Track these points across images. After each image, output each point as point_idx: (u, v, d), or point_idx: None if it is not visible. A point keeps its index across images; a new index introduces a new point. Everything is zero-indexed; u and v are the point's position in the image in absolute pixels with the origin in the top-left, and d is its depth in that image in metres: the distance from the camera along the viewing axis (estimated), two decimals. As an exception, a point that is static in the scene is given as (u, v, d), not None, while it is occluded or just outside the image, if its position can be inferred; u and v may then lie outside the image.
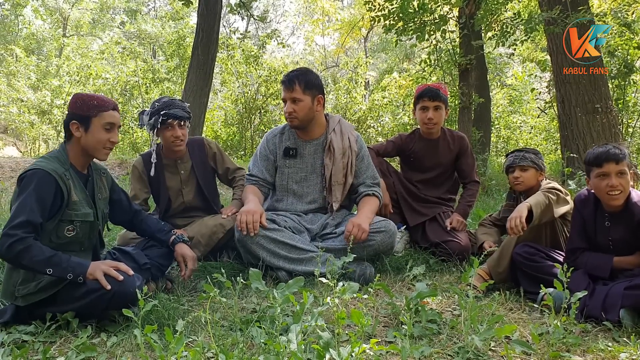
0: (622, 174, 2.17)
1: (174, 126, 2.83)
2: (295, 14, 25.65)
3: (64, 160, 2.08)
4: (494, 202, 5.34)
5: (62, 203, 2.00)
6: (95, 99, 2.10)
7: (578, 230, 2.38)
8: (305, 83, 2.70)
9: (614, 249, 2.29)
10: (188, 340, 1.86)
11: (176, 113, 2.81)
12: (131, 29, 19.23)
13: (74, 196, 2.04)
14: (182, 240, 2.43)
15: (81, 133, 2.08)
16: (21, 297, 1.97)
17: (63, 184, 2.00)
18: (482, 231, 3.10)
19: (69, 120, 2.09)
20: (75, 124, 2.08)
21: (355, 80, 13.68)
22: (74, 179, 2.08)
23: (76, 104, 2.08)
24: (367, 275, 2.58)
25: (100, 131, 2.09)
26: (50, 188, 1.96)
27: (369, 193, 2.84)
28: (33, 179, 1.94)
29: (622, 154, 2.18)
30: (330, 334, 1.66)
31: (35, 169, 1.97)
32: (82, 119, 2.07)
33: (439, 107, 3.16)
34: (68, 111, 2.11)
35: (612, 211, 2.28)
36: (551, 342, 1.75)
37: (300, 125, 2.78)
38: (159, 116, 2.79)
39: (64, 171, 2.03)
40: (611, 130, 5.36)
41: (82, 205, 2.07)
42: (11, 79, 14.61)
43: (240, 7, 9.58)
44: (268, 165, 2.89)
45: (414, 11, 6.58)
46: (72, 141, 2.12)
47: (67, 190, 2.01)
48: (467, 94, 6.81)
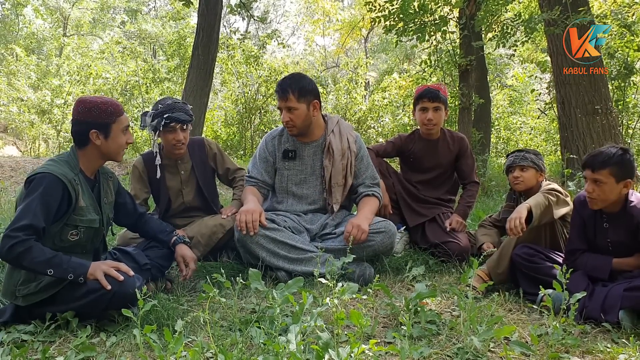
0: (596, 182, 2.17)
1: (176, 130, 2.82)
2: (295, 14, 25.67)
3: (74, 165, 2.07)
4: (493, 203, 5.34)
5: (69, 208, 2.00)
6: (109, 104, 2.08)
7: (578, 231, 2.38)
8: (299, 91, 2.68)
9: (613, 251, 2.29)
10: (187, 340, 1.86)
11: (179, 117, 2.80)
12: (131, 29, 19.22)
13: (82, 202, 2.04)
14: (183, 242, 2.43)
15: (101, 141, 2.08)
16: (22, 297, 1.97)
17: (72, 189, 1.99)
18: (482, 232, 3.11)
19: (88, 129, 2.05)
20: (95, 132, 2.06)
21: (355, 80, 13.67)
22: (83, 184, 2.07)
23: (92, 112, 2.05)
24: (366, 275, 2.58)
25: (119, 136, 2.11)
26: (57, 193, 1.95)
27: (369, 193, 2.83)
28: (42, 183, 1.93)
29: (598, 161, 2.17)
30: (330, 335, 1.66)
31: (44, 172, 1.96)
32: (101, 126, 2.06)
33: (439, 108, 3.16)
34: (80, 119, 2.06)
35: (611, 213, 2.28)
36: (550, 343, 1.76)
37: (299, 132, 2.78)
38: (162, 119, 2.78)
39: (73, 176, 2.02)
40: (611, 131, 5.36)
41: (88, 211, 2.07)
42: (11, 78, 14.59)
43: (240, 8, 9.58)
44: (267, 167, 2.89)
45: (414, 12, 6.59)
46: (88, 148, 2.09)
47: (75, 196, 2.00)
48: (467, 95, 6.81)
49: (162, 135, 2.84)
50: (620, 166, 2.14)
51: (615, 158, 2.14)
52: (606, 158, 2.15)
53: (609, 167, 2.14)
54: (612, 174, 2.14)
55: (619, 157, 2.14)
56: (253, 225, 2.53)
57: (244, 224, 2.53)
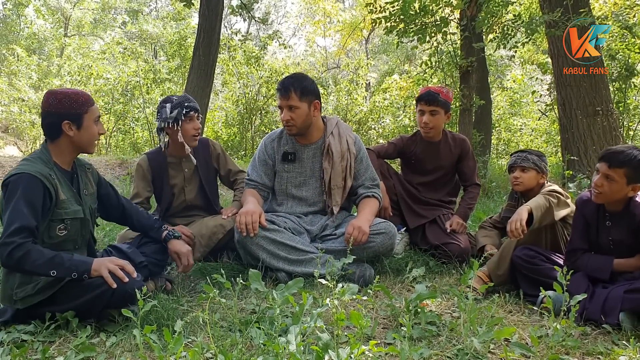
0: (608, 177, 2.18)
1: (194, 118, 2.90)
2: (296, 15, 25.68)
3: (47, 159, 2.05)
4: (494, 205, 5.34)
5: (51, 203, 1.98)
6: (80, 95, 2.06)
7: (579, 231, 2.39)
8: (301, 90, 2.67)
9: (614, 250, 2.29)
10: (187, 341, 1.86)
11: (195, 105, 2.92)
12: (132, 29, 19.25)
13: (62, 195, 2.02)
14: (174, 236, 2.42)
15: (74, 131, 2.05)
16: (20, 300, 1.97)
17: (50, 184, 1.97)
18: (483, 234, 3.10)
19: (60, 120, 2.03)
20: (68, 123, 2.04)
21: (356, 81, 13.69)
22: (60, 177, 2.05)
23: (63, 103, 2.02)
24: (366, 276, 2.57)
25: (91, 126, 2.09)
26: (38, 191, 1.93)
27: (369, 195, 2.83)
28: (19, 184, 1.91)
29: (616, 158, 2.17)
30: (330, 336, 1.66)
31: (19, 173, 1.94)
32: (74, 117, 2.04)
33: (436, 112, 3.14)
34: (51, 110, 2.03)
35: (613, 211, 2.29)
36: (550, 344, 1.75)
37: (299, 132, 2.77)
38: (182, 108, 2.84)
39: (48, 171, 2.00)
40: (612, 133, 5.36)
41: (70, 203, 2.05)
42: (12, 78, 14.62)
43: (241, 9, 9.59)
44: (267, 170, 2.89)
45: (415, 13, 6.59)
46: (60, 140, 2.07)
47: (54, 190, 1.98)
48: (468, 96, 6.82)
49: (183, 126, 2.86)
50: (637, 170, 2.14)
51: (635, 161, 2.14)
52: (627, 159, 2.14)
53: (626, 168, 2.14)
54: (626, 174, 2.15)
55: (638, 162, 2.14)
56: (253, 226, 2.52)
57: (244, 225, 2.53)
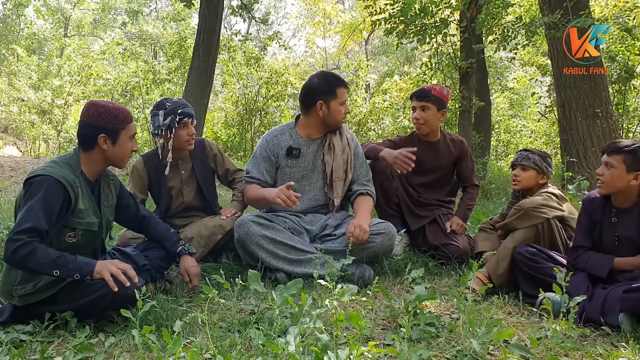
0: (607, 165, 2.27)
1: (189, 124, 2.87)
2: (296, 16, 25.66)
3: (75, 166, 2.06)
4: (493, 206, 5.34)
5: (68, 210, 1.99)
6: (121, 110, 2.09)
7: (583, 229, 2.41)
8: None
9: (619, 246, 2.30)
10: (186, 341, 1.86)
11: (189, 111, 2.88)
12: (132, 30, 19.23)
13: (81, 204, 2.03)
14: (188, 252, 2.41)
15: (108, 146, 2.07)
16: (19, 297, 1.97)
17: (72, 191, 1.98)
18: (482, 237, 3.09)
19: (97, 132, 2.04)
20: (104, 137, 2.05)
21: (356, 82, 13.67)
22: (83, 187, 2.06)
23: (103, 117, 2.04)
24: (366, 277, 2.57)
25: (127, 142, 2.11)
26: (58, 197, 1.93)
27: (363, 192, 2.86)
28: (42, 186, 1.92)
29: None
30: (329, 337, 1.66)
31: (44, 174, 1.94)
32: (111, 132, 2.06)
33: (427, 108, 3.15)
34: (90, 122, 2.05)
35: (621, 207, 2.31)
36: (549, 346, 1.75)
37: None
38: (175, 115, 2.81)
39: (74, 178, 2.01)
40: (611, 134, 5.37)
41: (87, 214, 2.06)
42: (12, 78, 14.61)
43: (241, 9, 9.59)
44: (269, 167, 2.89)
45: (415, 14, 6.59)
46: (93, 152, 2.08)
47: (74, 198, 1.99)
48: (468, 98, 6.81)
49: (177, 133, 2.85)
50: (634, 156, 2.21)
51: (632, 147, 2.23)
52: (622, 145, 2.26)
53: (623, 154, 2.23)
54: (624, 161, 2.22)
55: (634, 148, 2.22)
56: (290, 199, 2.51)
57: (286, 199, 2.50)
